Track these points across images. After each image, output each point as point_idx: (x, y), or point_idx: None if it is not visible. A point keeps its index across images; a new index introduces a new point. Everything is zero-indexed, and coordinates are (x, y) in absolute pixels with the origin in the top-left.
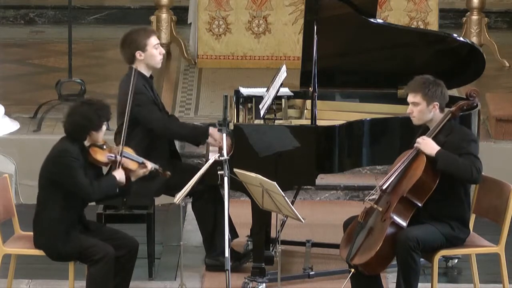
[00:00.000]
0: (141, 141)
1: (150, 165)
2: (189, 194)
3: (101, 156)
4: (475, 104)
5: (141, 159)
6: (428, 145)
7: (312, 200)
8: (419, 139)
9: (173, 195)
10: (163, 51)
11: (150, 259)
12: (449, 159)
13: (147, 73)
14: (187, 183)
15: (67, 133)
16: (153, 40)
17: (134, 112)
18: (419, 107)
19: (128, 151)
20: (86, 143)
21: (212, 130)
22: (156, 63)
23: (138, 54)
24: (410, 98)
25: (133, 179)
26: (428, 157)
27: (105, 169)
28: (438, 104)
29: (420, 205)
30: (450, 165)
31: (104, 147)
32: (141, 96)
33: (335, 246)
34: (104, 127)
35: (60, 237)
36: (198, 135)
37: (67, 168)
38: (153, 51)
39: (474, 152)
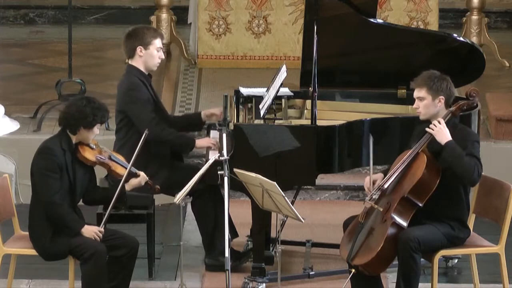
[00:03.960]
0: (137, 141)
1: (143, 176)
2: (189, 193)
3: (90, 155)
4: (475, 104)
5: (129, 166)
6: (441, 132)
7: (312, 200)
8: (434, 122)
9: (174, 195)
10: (163, 57)
11: (150, 259)
12: (456, 152)
13: (144, 71)
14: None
15: (59, 124)
16: (157, 42)
17: (127, 110)
18: (425, 102)
19: (119, 157)
20: (75, 140)
21: (198, 142)
22: (153, 65)
23: (139, 49)
24: (416, 93)
25: (127, 188)
26: (429, 157)
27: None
28: (444, 98)
29: (420, 205)
30: (455, 158)
31: (94, 147)
32: (135, 93)
33: (335, 246)
34: (96, 129)
35: (48, 237)
36: (183, 146)
37: (42, 165)
38: (154, 52)
39: (477, 154)
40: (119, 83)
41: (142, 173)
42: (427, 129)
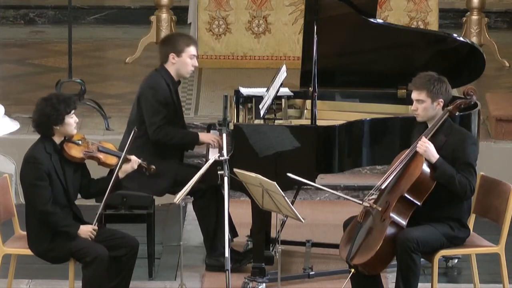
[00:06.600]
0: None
1: (134, 159)
2: (190, 193)
3: (76, 152)
4: (472, 103)
5: (121, 154)
6: (428, 151)
7: (312, 200)
8: (420, 143)
9: (176, 193)
10: (196, 64)
11: (150, 259)
12: (447, 174)
13: (175, 77)
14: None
15: (37, 132)
16: (191, 50)
17: (142, 104)
18: (424, 105)
19: (108, 146)
20: (58, 139)
21: (201, 137)
22: (186, 72)
23: (171, 56)
24: (415, 96)
25: (121, 175)
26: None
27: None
28: (443, 101)
29: (419, 204)
30: (447, 179)
31: (80, 142)
32: (153, 93)
33: (335, 246)
34: (70, 120)
35: (47, 242)
36: (188, 145)
37: (30, 175)
38: (187, 60)
39: (473, 160)
40: (145, 77)
41: (133, 157)
42: (417, 149)
